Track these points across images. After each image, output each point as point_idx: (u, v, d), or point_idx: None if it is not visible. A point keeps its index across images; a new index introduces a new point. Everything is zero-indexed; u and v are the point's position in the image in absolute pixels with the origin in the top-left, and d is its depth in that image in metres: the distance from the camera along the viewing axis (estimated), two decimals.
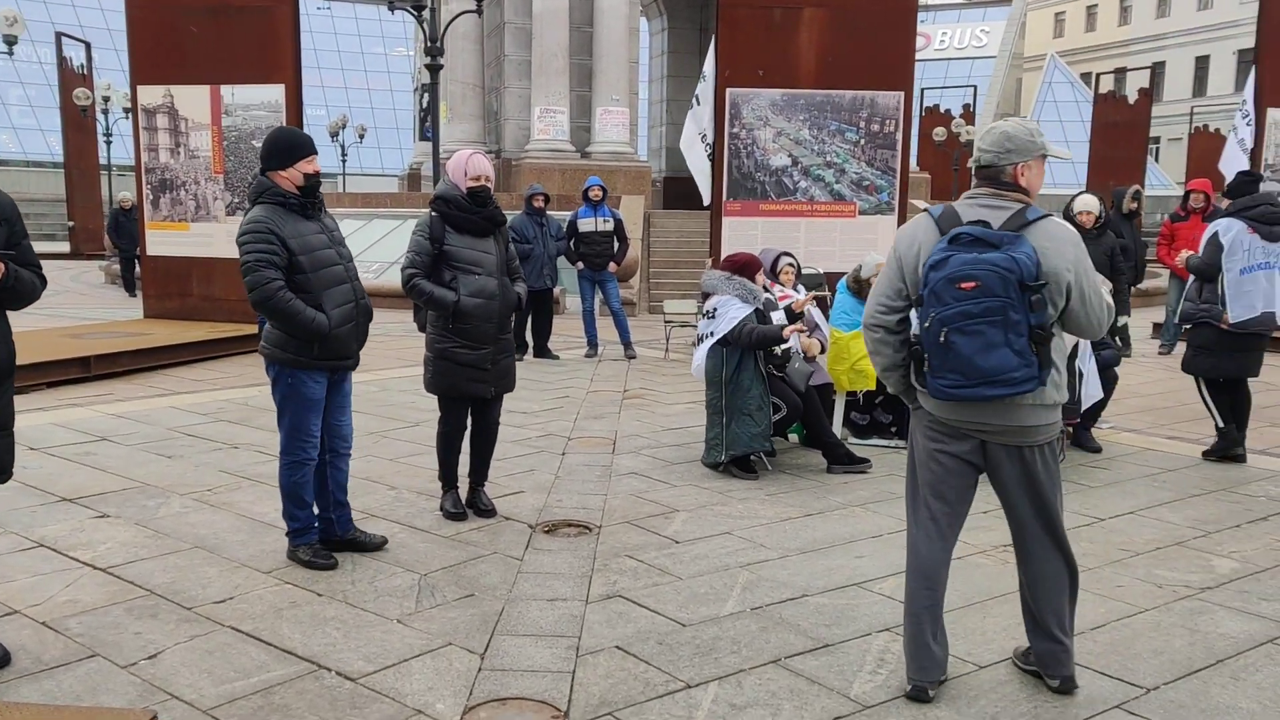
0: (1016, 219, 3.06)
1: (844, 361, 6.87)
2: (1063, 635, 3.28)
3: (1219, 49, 50.11)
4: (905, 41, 10.71)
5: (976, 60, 51.69)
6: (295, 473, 4.41)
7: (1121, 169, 23.31)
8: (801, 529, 5.06)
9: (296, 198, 4.31)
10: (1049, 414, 3.16)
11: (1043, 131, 3.22)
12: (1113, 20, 57.27)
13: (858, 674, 3.43)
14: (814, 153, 10.84)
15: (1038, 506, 3.25)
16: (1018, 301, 2.93)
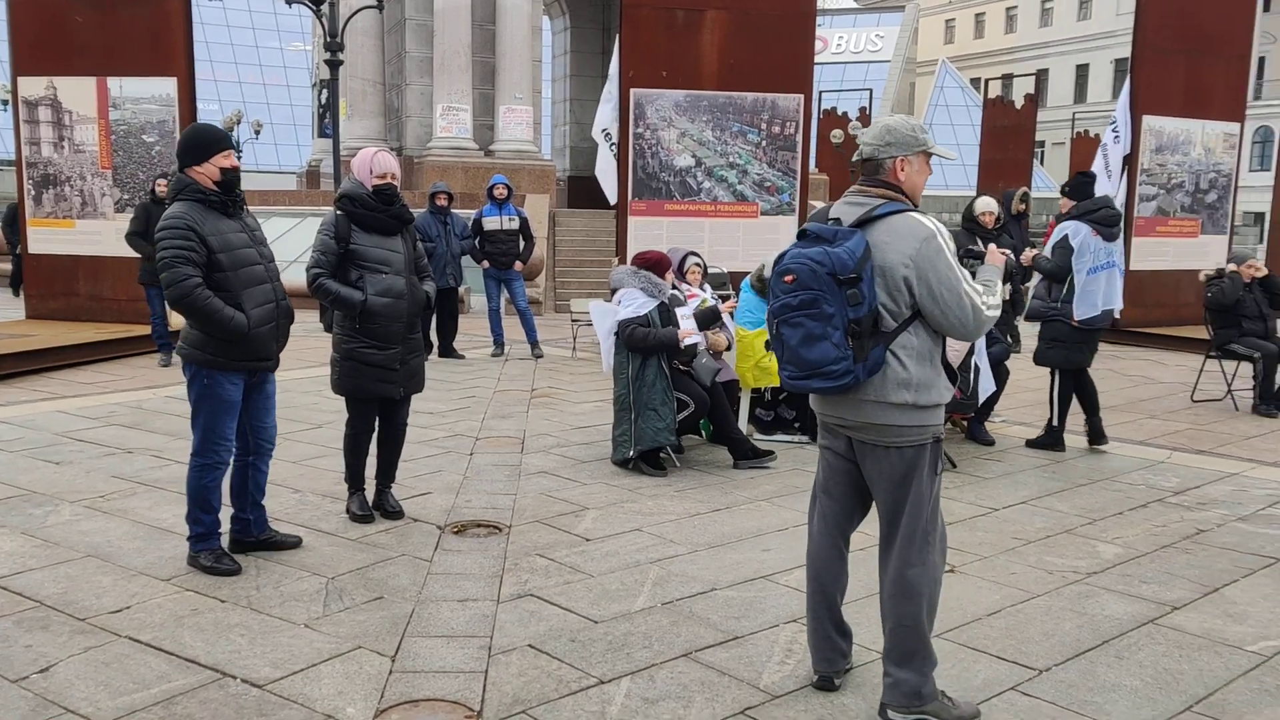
0: (866, 214, 3.03)
1: (748, 359, 6.98)
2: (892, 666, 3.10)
3: (1098, 58, 52.34)
4: (804, 45, 10.92)
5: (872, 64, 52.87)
6: (206, 476, 4.30)
7: (1010, 171, 24.16)
8: (710, 524, 5.13)
9: (217, 194, 4.22)
10: (898, 414, 3.03)
11: (927, 129, 3.20)
12: (1000, 28, 59.34)
13: (766, 664, 3.51)
14: (717, 153, 10.97)
15: (890, 510, 3.14)
16: (830, 294, 2.93)
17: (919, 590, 3.08)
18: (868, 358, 2.97)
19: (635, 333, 6.06)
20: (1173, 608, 4.09)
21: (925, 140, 3.14)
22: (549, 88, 27.39)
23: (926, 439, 3.08)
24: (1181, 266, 12.66)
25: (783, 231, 11.08)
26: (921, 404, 3.03)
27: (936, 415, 3.09)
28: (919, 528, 3.09)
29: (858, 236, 2.98)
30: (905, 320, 3.01)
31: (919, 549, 3.09)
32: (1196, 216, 13.07)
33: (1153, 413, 8.28)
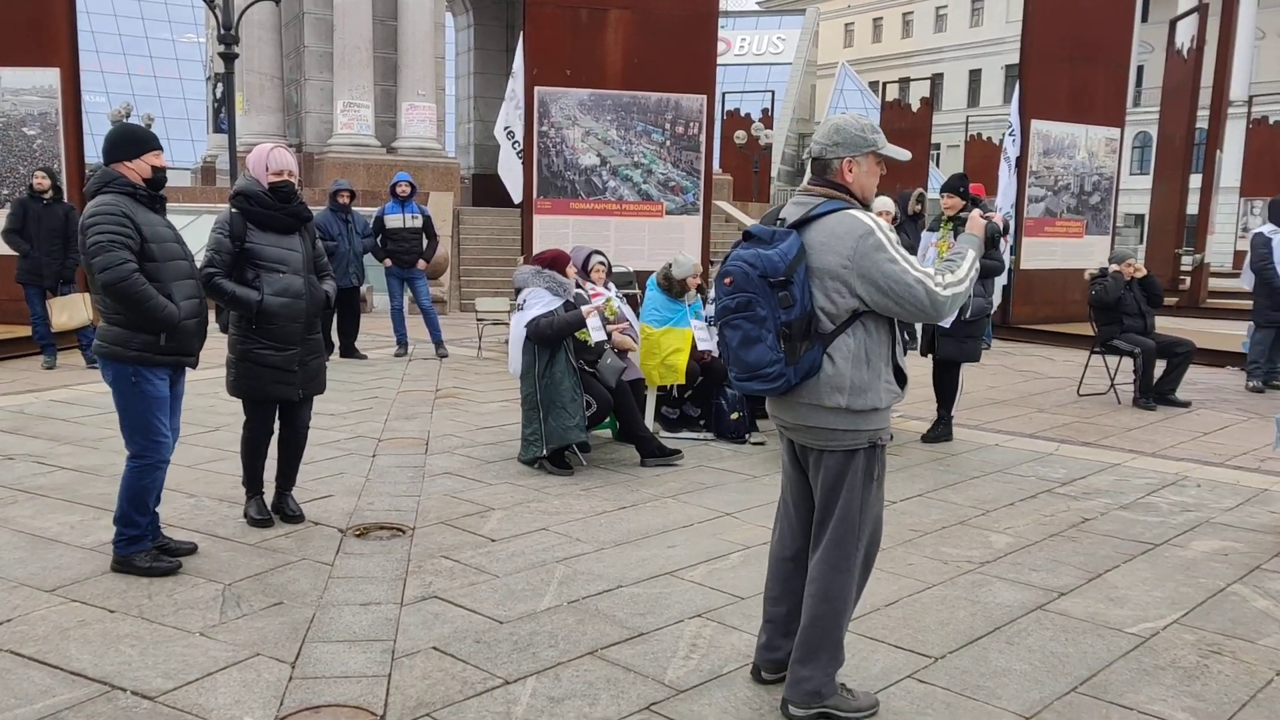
0: (805, 214, 3.01)
1: (655, 357, 7.03)
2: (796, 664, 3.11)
3: (989, 64, 54.03)
4: (707, 46, 11.02)
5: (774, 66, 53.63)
6: (146, 476, 4.25)
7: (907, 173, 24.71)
8: (616, 522, 5.15)
9: (144, 190, 4.21)
10: (832, 417, 3.00)
11: (878, 129, 3.13)
12: (897, 33, 60.82)
13: (671, 660, 3.54)
14: (622, 153, 11.00)
15: (821, 511, 3.13)
16: (763, 296, 2.92)
17: (837, 594, 3.08)
18: (800, 360, 2.95)
19: (539, 323, 6.05)
20: (1060, 594, 4.25)
21: (875, 140, 3.08)
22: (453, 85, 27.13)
23: (860, 444, 3.03)
24: (1068, 266, 13.17)
25: (688, 231, 11.19)
26: (856, 408, 2.98)
27: (873, 420, 3.03)
28: (847, 532, 3.07)
29: (792, 238, 2.96)
30: (844, 323, 2.97)
31: (844, 553, 3.07)
32: (1081, 218, 13.61)
33: (1041, 406, 8.60)
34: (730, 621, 3.89)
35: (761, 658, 3.37)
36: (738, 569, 4.49)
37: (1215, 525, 5.25)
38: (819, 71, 59.39)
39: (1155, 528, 5.19)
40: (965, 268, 3.07)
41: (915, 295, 2.91)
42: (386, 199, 11.06)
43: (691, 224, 11.21)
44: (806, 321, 2.94)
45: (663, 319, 7.06)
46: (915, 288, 2.91)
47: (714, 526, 5.12)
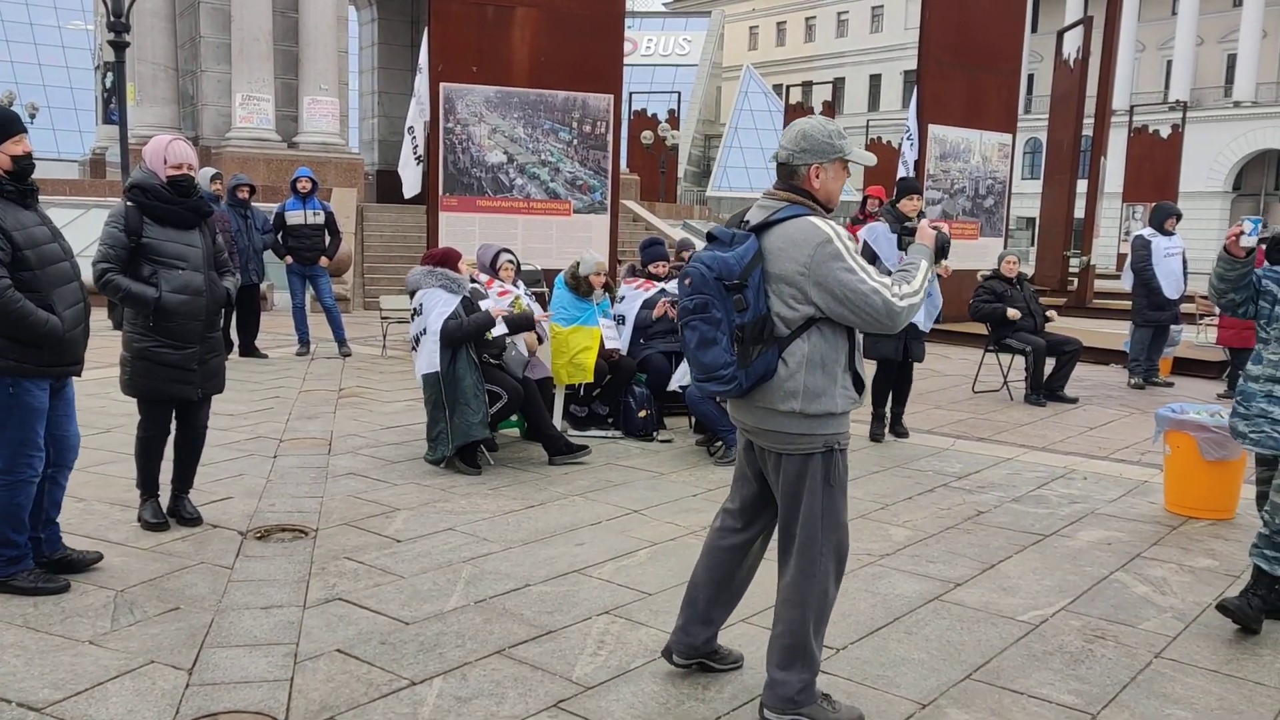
0: (766, 218, 3.00)
1: (563, 355, 7.03)
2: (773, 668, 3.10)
3: (889, 69, 55.38)
4: (614, 46, 11.06)
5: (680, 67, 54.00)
6: (19, 493, 3.94)
7: None
8: (524, 520, 5.15)
9: (11, 184, 3.87)
10: (785, 421, 3.00)
11: (844, 134, 3.10)
12: (800, 37, 61.88)
13: (579, 657, 3.55)
14: (529, 151, 10.96)
15: (783, 516, 3.13)
16: (718, 299, 2.93)
17: (804, 599, 3.06)
18: (752, 364, 2.95)
19: (447, 326, 6.00)
20: (955, 584, 4.40)
21: (842, 147, 3.04)
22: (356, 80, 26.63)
23: (816, 448, 3.02)
24: (964, 267, 13.52)
25: (595, 229, 11.21)
26: (809, 413, 2.97)
27: (828, 425, 3.01)
28: (810, 537, 3.04)
29: (750, 242, 2.96)
30: (799, 327, 2.96)
31: (810, 559, 3.05)
32: (976, 220, 14.06)
33: (939, 403, 8.86)
34: (638, 618, 3.93)
35: (675, 639, 3.40)
36: (645, 566, 4.53)
37: (1100, 516, 5.49)
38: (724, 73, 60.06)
39: (1045, 519, 5.40)
40: (919, 278, 3.05)
41: (871, 304, 2.89)
42: (288, 195, 10.82)
43: (599, 223, 11.24)
44: (760, 325, 2.94)
45: (570, 317, 7.06)
46: (871, 297, 2.89)
47: (622, 524, 5.15)
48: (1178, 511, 5.54)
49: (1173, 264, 9.79)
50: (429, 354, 6.07)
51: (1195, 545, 5.01)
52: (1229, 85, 45.08)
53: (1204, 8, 44.91)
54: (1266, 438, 3.97)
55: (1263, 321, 4.06)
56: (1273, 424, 3.94)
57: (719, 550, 3.36)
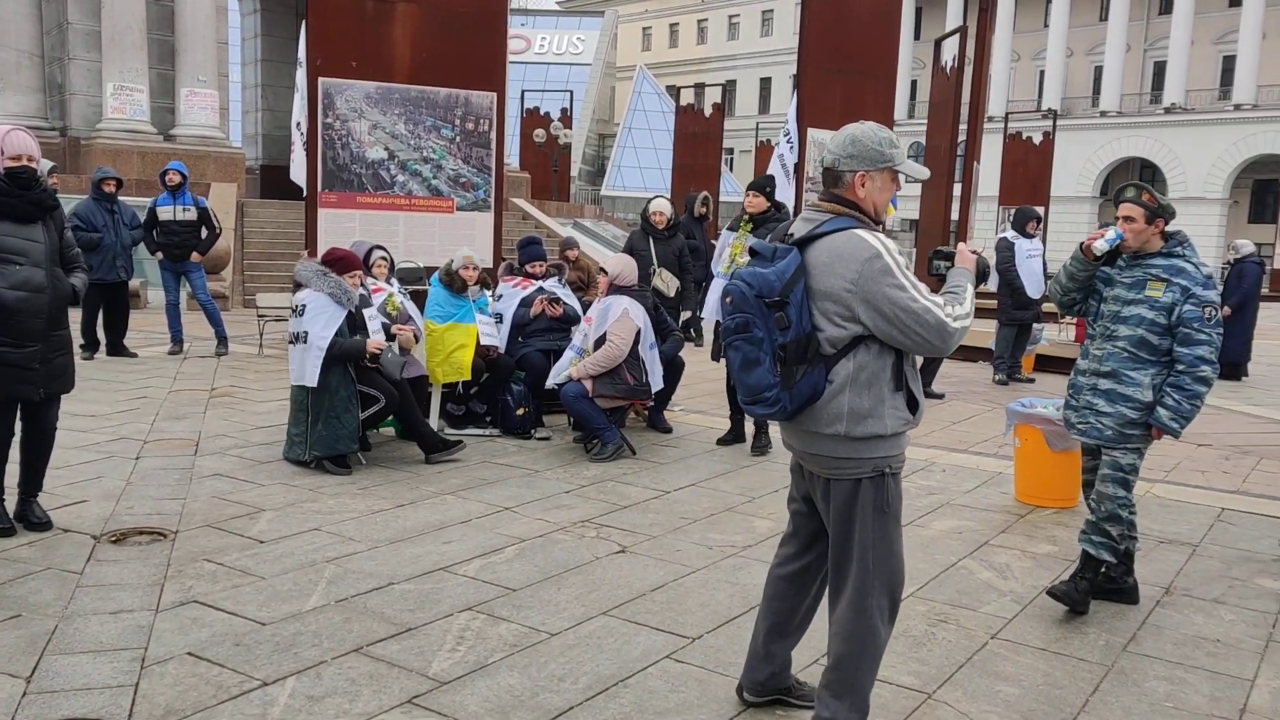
0: (810, 231, 2.84)
1: (439, 353, 7.00)
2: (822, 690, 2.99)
3: (778, 72, 56.40)
4: (496, 44, 11.01)
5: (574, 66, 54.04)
6: None
7: (700, 176, 25.52)
8: (392, 520, 5.12)
9: None
10: (832, 445, 2.83)
11: (898, 144, 2.91)
12: (692, 39, 62.56)
13: (438, 653, 3.57)
14: (411, 147, 10.83)
15: (835, 547, 2.97)
16: (759, 317, 2.77)
17: (857, 636, 2.91)
18: (796, 385, 2.79)
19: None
20: None
21: (892, 156, 2.86)
22: (238, 71, 25.89)
23: (864, 472, 2.84)
24: None
25: (479, 227, 11.14)
26: (856, 435, 2.80)
27: (877, 448, 2.83)
28: (863, 569, 2.89)
29: (791, 256, 2.80)
30: (846, 346, 2.80)
31: (861, 593, 2.90)
32: None
33: None
34: (500, 613, 3.96)
35: (743, 674, 3.28)
36: (512, 562, 4.56)
37: (954, 506, 5.74)
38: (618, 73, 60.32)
39: (903, 510, 5.60)
40: (968, 302, 2.88)
41: (923, 323, 2.72)
42: (163, 189, 10.49)
43: (483, 220, 11.17)
44: (804, 344, 2.78)
45: (446, 315, 7.04)
46: (924, 316, 2.72)
47: (492, 521, 5.17)
48: (1026, 501, 5.83)
49: (1034, 265, 10.26)
50: (306, 367, 5.93)
51: (1039, 533, 5.28)
52: (1096, 96, 47.27)
53: (1073, 21, 47.02)
54: (1091, 428, 4.22)
55: (1090, 318, 4.32)
56: (1097, 415, 4.19)
57: (776, 580, 3.22)
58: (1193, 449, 7.42)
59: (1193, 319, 3.99)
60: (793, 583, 3.18)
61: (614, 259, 7.22)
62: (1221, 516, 5.68)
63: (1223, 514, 5.73)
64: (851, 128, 2.91)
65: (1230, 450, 7.50)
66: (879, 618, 2.92)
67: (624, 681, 3.41)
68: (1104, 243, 4.07)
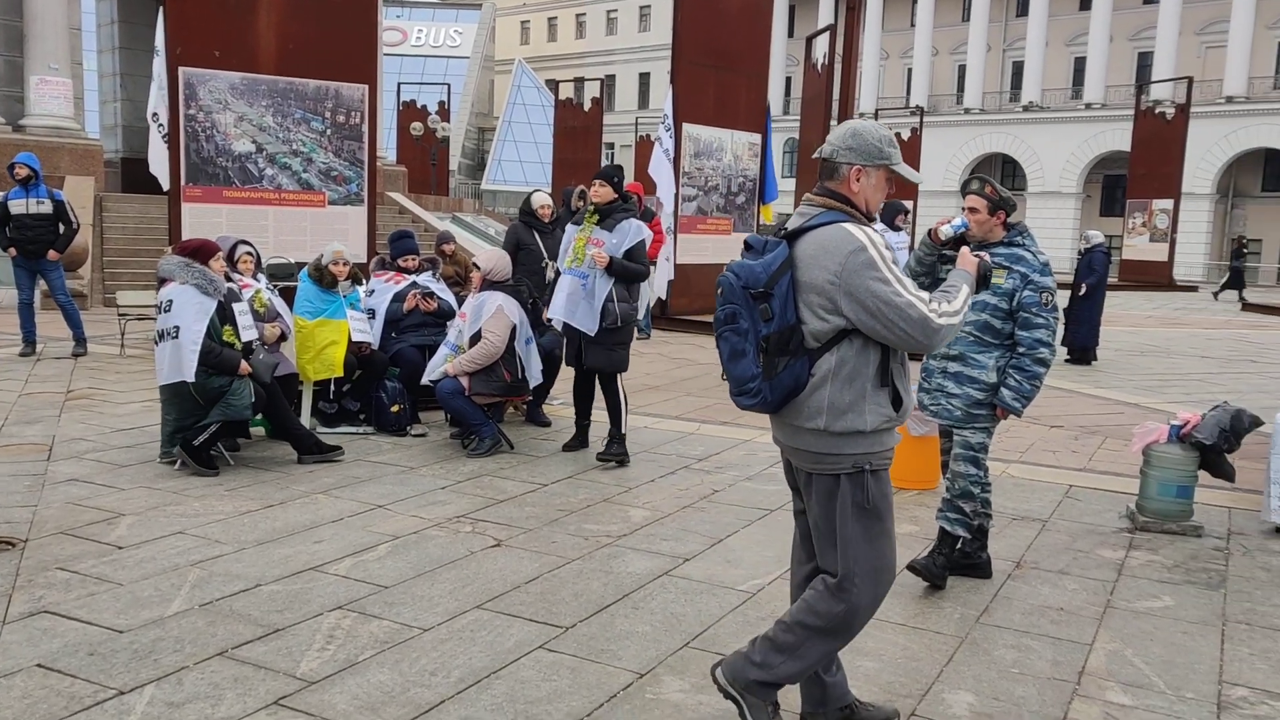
0: (802, 224, 2.85)
1: (309, 350, 6.86)
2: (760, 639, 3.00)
3: (657, 67, 56.72)
4: (367, 35, 10.81)
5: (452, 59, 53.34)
6: None
7: (581, 170, 25.56)
8: (261, 521, 5.01)
9: None
10: (812, 439, 2.83)
11: (896, 143, 2.94)
12: (571, 33, 62.45)
13: (306, 653, 3.52)
14: (279, 140, 10.55)
15: (819, 541, 2.94)
16: (745, 309, 2.78)
17: (824, 610, 2.87)
18: (777, 377, 2.78)
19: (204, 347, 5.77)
20: (684, 559, 4.64)
21: (890, 155, 2.89)
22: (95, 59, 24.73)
23: (843, 468, 2.83)
24: (719, 260, 14.17)
25: (352, 222, 10.92)
26: (835, 430, 2.79)
27: (857, 444, 2.81)
28: (845, 560, 2.85)
29: (779, 249, 2.81)
30: (830, 340, 2.79)
31: (842, 581, 2.86)
32: (729, 216, 14.71)
33: (689, 391, 9.25)
34: (371, 611, 3.92)
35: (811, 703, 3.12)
36: (384, 560, 4.52)
37: None
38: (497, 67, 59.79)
39: (773, 495, 5.76)
40: (960, 300, 2.88)
41: (906, 318, 2.71)
42: (13, 183, 9.96)
43: (356, 214, 10.95)
44: (786, 336, 2.77)
45: (316, 311, 6.90)
46: (907, 310, 2.71)
47: (364, 519, 5.10)
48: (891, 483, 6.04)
49: (900, 257, 10.61)
50: (183, 362, 5.74)
51: (901, 513, 5.49)
52: (961, 93, 49.09)
53: (937, 21, 48.69)
54: (942, 409, 4.43)
55: None
56: (948, 397, 4.40)
57: (796, 587, 3.17)
58: (1045, 430, 7.82)
59: (1031, 304, 4.22)
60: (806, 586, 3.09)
61: (486, 254, 7.19)
62: (1069, 493, 6.01)
63: (1070, 491, 6.07)
64: (853, 121, 2.95)
65: (1079, 430, 7.94)
66: (859, 610, 2.88)
67: (496, 673, 3.43)
68: (949, 228, 4.26)
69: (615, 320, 6.30)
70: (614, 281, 6.28)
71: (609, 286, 6.26)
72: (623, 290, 6.34)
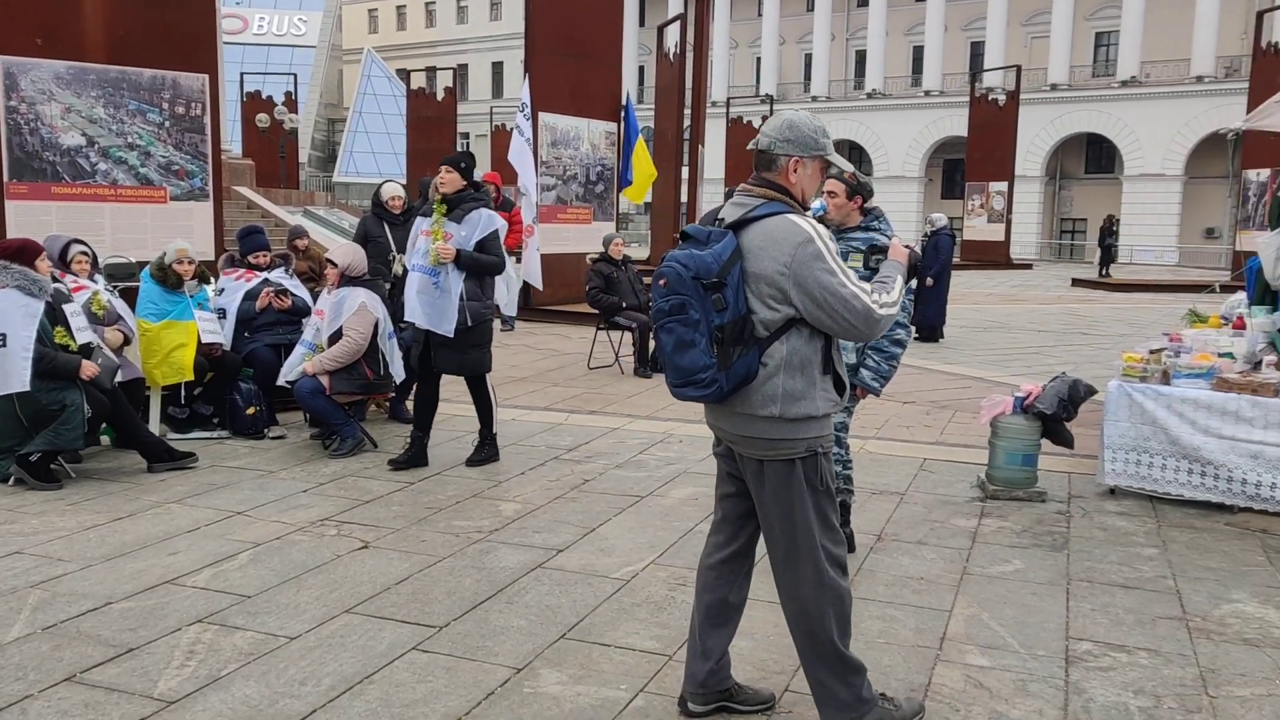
0: (743, 215, 2.87)
1: (156, 354, 6.54)
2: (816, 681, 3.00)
3: (510, 57, 56.22)
4: (205, 22, 10.33)
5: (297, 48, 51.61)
6: None
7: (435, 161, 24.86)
8: (109, 535, 4.75)
9: None
10: (765, 426, 2.87)
11: (829, 134, 3.00)
12: (421, 22, 61.25)
13: (164, 671, 3.36)
14: (113, 133, 9.98)
15: (772, 527, 2.99)
16: (695, 299, 2.78)
17: (819, 608, 2.94)
18: (732, 367, 2.80)
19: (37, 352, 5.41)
20: (558, 551, 4.63)
21: (825, 146, 2.94)
22: None
23: (798, 453, 2.89)
24: (580, 250, 14.18)
25: (197, 218, 10.43)
26: (789, 416, 2.85)
27: (810, 428, 2.88)
28: (810, 546, 2.92)
29: (727, 239, 2.82)
30: (779, 329, 2.84)
31: (816, 568, 2.93)
32: (589, 205, 14.72)
33: (556, 381, 9.22)
34: (234, 622, 3.77)
35: (684, 683, 3.19)
36: (246, 568, 4.35)
37: (691, 474, 6.00)
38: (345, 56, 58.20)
39: (643, 482, 5.81)
40: (896, 292, 2.96)
41: (851, 309, 2.79)
42: None
43: (202, 210, 10.45)
44: (740, 326, 2.80)
45: (161, 312, 6.58)
46: (852, 301, 2.78)
47: (223, 527, 4.90)
48: None
49: None
50: (12, 371, 5.37)
51: None
52: (808, 82, 50.40)
53: (783, 11, 49.85)
54: None
55: None
56: None
57: (706, 570, 3.20)
58: (899, 407, 8.13)
59: None
60: (723, 571, 3.18)
61: (342, 248, 6.99)
62: (924, 466, 6.27)
63: (925, 464, 6.33)
64: (788, 113, 2.97)
65: (930, 406, 8.28)
66: (839, 579, 2.98)
67: (369, 678, 3.35)
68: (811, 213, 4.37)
69: (465, 320, 5.88)
70: (465, 277, 5.88)
71: (460, 283, 5.85)
72: (474, 287, 5.93)
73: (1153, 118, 40.97)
